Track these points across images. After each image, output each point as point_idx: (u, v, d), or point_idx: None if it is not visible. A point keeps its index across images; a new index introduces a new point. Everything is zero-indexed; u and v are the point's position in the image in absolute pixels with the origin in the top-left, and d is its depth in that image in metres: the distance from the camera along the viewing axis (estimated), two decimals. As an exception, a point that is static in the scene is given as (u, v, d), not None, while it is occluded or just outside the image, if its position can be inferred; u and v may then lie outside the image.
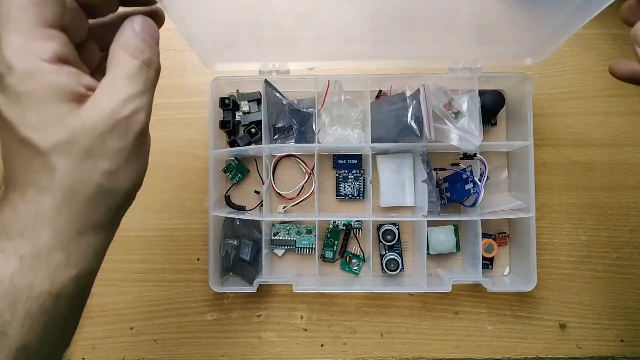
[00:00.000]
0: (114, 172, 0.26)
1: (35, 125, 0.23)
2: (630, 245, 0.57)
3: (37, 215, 0.24)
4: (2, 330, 0.22)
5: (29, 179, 0.24)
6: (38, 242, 0.24)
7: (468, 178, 0.52)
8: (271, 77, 0.54)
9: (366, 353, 0.57)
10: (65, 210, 0.24)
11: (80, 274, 0.26)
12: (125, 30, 0.27)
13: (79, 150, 0.24)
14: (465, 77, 0.53)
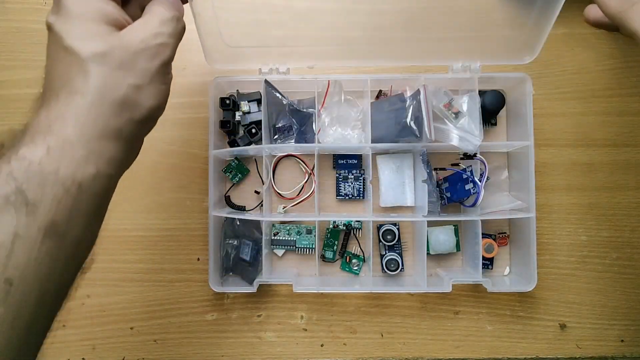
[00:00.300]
0: (139, 87, 0.31)
1: (79, 36, 0.29)
2: (631, 245, 0.57)
3: (66, 114, 0.28)
4: (33, 204, 0.25)
5: (65, 83, 0.29)
6: (64, 136, 0.27)
7: (468, 178, 0.52)
8: (271, 77, 0.54)
9: (366, 353, 0.57)
10: (92, 111, 0.28)
11: (99, 173, 0.29)
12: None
13: (112, 62, 0.29)
14: (465, 77, 0.53)
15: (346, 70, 0.58)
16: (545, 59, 0.58)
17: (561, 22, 0.58)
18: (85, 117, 0.28)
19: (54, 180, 0.26)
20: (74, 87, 0.29)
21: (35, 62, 0.59)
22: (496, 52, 0.51)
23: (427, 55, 0.52)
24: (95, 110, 0.29)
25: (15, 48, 0.59)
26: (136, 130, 0.32)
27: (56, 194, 0.26)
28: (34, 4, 0.59)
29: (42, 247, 0.25)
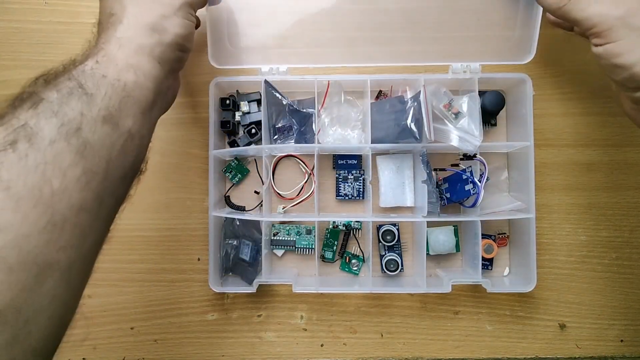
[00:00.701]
0: (165, 16, 0.40)
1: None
2: (630, 245, 0.57)
3: (110, 37, 0.37)
4: (91, 94, 0.32)
5: (109, 16, 0.39)
6: (109, 52, 0.36)
7: (468, 179, 0.52)
8: (271, 77, 0.54)
9: (366, 353, 0.57)
10: (128, 33, 0.38)
11: (138, 82, 0.36)
12: None
13: (142, 6, 0.39)
14: (465, 77, 0.53)
15: (346, 70, 0.58)
16: (545, 59, 0.58)
17: (561, 22, 0.58)
18: (124, 38, 0.37)
19: (104, 81, 0.34)
20: (116, 17, 0.38)
21: (35, 62, 0.59)
22: (496, 52, 0.51)
23: (427, 55, 0.52)
24: (131, 32, 0.38)
25: (15, 48, 0.59)
26: (166, 53, 0.39)
27: (107, 91, 0.33)
28: (34, 4, 0.59)
29: (102, 128, 0.32)
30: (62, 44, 0.59)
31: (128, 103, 0.35)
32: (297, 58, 0.53)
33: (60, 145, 0.29)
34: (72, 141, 0.30)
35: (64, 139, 0.30)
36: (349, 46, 0.53)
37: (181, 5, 0.41)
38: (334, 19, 0.52)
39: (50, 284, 0.28)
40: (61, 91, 0.32)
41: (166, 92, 0.42)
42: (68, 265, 0.30)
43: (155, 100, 0.39)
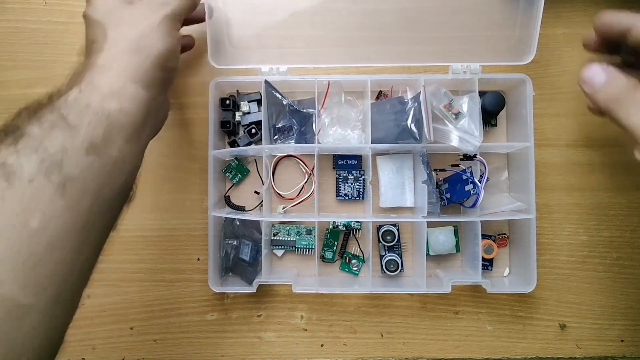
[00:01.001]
0: (144, 35, 0.39)
1: (98, 11, 0.40)
2: (631, 245, 0.57)
3: (92, 66, 0.37)
4: (74, 126, 0.32)
5: (91, 45, 0.39)
6: (91, 80, 0.35)
7: (468, 179, 0.52)
8: (271, 77, 0.54)
9: (366, 353, 0.57)
10: (108, 60, 0.37)
11: (123, 108, 0.35)
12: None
13: (121, 23, 0.39)
14: (465, 78, 0.53)
15: (346, 70, 0.58)
16: (546, 59, 0.58)
17: (561, 22, 0.59)
18: (105, 65, 0.37)
19: (87, 110, 0.33)
20: (97, 44, 0.38)
21: (35, 62, 0.59)
22: (496, 52, 0.51)
23: (427, 55, 0.52)
24: (112, 58, 0.37)
25: (15, 48, 0.59)
26: (149, 74, 0.38)
27: (91, 120, 0.33)
28: (34, 4, 0.59)
29: (86, 160, 0.32)
30: (62, 44, 0.59)
31: (113, 131, 0.34)
32: (297, 58, 0.53)
33: (40, 182, 0.29)
34: (53, 177, 0.30)
35: (44, 175, 0.29)
36: (349, 46, 0.53)
37: (161, 21, 0.40)
38: (334, 19, 0.52)
39: (28, 326, 0.28)
40: (43, 125, 0.31)
41: (155, 114, 0.42)
42: (49, 304, 0.29)
43: (143, 125, 0.38)
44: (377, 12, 0.51)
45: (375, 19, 0.52)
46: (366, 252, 0.57)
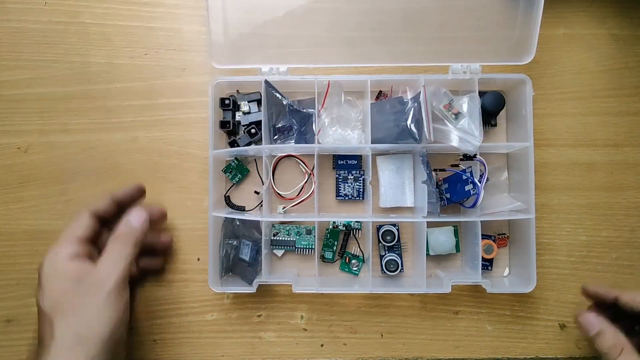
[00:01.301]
0: (89, 324, 0.41)
1: (47, 301, 0.42)
2: (630, 245, 0.57)
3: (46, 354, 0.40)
4: None
5: (43, 339, 0.41)
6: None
7: (468, 179, 0.52)
8: (271, 77, 0.54)
9: (366, 353, 0.57)
10: (59, 356, 0.40)
11: None
12: (121, 222, 0.48)
13: (67, 311, 0.42)
14: (465, 78, 0.53)
15: (346, 70, 0.58)
16: (546, 60, 0.58)
17: (561, 22, 0.59)
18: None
19: None
20: (45, 343, 0.41)
21: (35, 62, 0.59)
22: (496, 52, 0.51)
23: (427, 55, 0.52)
24: (60, 357, 0.40)
25: (15, 48, 0.59)
26: (100, 356, 0.41)
27: None
28: (34, 4, 0.59)
29: None
30: (62, 44, 0.59)
31: None
32: (297, 58, 0.53)
33: None
34: None
35: None
36: (349, 46, 0.53)
37: (105, 298, 0.42)
38: (334, 19, 0.52)
39: None
40: None
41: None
42: None
43: None
44: (377, 12, 0.51)
45: (375, 19, 0.52)
46: (366, 252, 0.57)
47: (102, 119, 0.59)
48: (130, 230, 0.46)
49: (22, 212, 0.58)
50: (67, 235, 0.46)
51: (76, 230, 0.46)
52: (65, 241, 0.45)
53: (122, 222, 0.47)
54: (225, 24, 0.51)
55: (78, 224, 0.47)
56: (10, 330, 0.57)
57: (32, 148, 0.59)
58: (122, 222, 0.47)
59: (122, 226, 0.47)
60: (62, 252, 0.44)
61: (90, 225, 0.47)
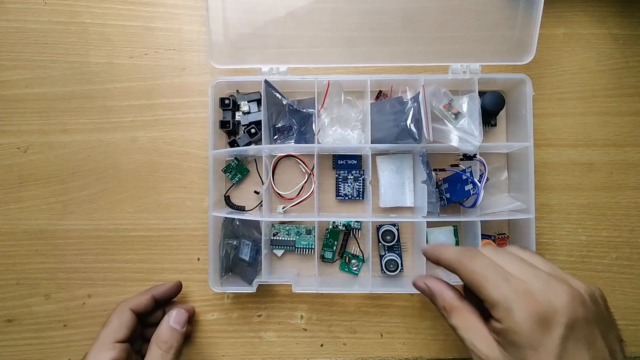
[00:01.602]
0: None
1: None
2: (630, 245, 0.57)
3: None
4: None
5: None
6: None
7: (468, 179, 0.52)
8: (271, 77, 0.54)
9: (366, 353, 0.57)
10: None
11: None
12: (163, 321, 0.50)
13: None
14: (465, 78, 0.53)
15: (346, 70, 0.58)
16: (546, 59, 0.58)
17: (561, 22, 0.59)
18: None
19: None
20: None
21: (34, 62, 0.59)
22: (496, 52, 0.51)
23: (427, 55, 0.52)
24: None
25: (15, 48, 0.59)
26: None
27: None
28: (34, 4, 0.59)
29: None
30: (61, 43, 0.59)
31: None
32: (297, 58, 0.53)
33: None
34: None
35: None
36: (349, 46, 0.53)
37: None
38: (334, 19, 0.52)
39: None
40: None
41: None
42: None
43: None
44: (377, 12, 0.51)
45: (375, 19, 0.52)
46: (366, 252, 0.57)
47: (101, 119, 0.59)
48: (172, 335, 0.48)
49: (22, 212, 0.58)
50: (107, 337, 0.46)
51: (117, 332, 0.47)
52: (105, 345, 0.46)
53: (165, 326, 0.49)
54: (225, 24, 0.51)
55: (119, 324, 0.48)
56: (10, 330, 0.57)
57: (32, 148, 0.59)
58: (165, 326, 0.49)
59: (165, 330, 0.48)
60: (102, 355, 0.45)
61: (130, 324, 0.48)
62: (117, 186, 0.58)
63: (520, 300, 0.31)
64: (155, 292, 0.52)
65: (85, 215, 0.58)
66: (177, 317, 0.49)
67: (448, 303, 0.37)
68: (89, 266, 0.58)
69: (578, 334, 0.30)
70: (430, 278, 0.40)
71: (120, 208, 0.58)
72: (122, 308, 0.49)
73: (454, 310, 0.36)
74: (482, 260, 0.35)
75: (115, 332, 0.47)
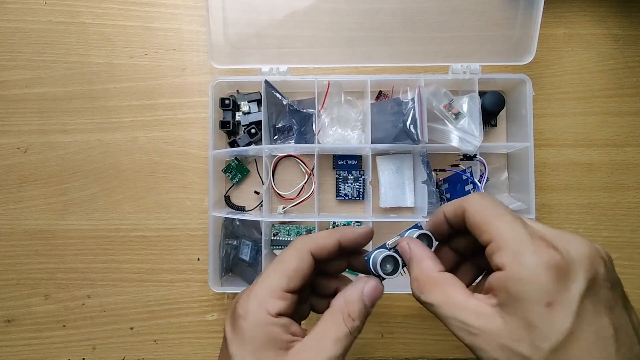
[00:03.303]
0: None
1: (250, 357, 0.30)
2: (631, 245, 0.57)
3: None
4: None
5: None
6: None
7: (468, 179, 0.52)
8: (271, 77, 0.54)
9: (366, 353, 0.57)
10: None
11: None
12: (354, 289, 0.33)
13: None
14: (465, 78, 0.53)
15: (346, 70, 0.58)
16: (546, 60, 0.58)
17: (561, 22, 0.59)
18: None
19: None
20: None
21: (34, 62, 0.59)
22: (496, 52, 0.51)
23: (427, 55, 0.52)
24: None
25: (15, 48, 0.59)
26: None
27: None
28: (34, 4, 0.59)
29: None
30: (61, 43, 0.59)
31: None
32: (297, 58, 0.53)
33: None
34: None
35: None
36: (349, 46, 0.53)
37: None
38: (334, 19, 0.52)
39: None
40: None
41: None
42: None
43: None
44: (377, 12, 0.51)
45: (375, 19, 0.52)
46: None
47: (101, 119, 0.59)
48: (362, 311, 0.32)
49: (22, 212, 0.58)
50: (280, 283, 0.32)
51: (292, 279, 0.33)
52: (276, 292, 0.32)
53: (358, 296, 0.33)
54: (225, 24, 0.51)
55: (296, 269, 0.33)
56: (10, 330, 0.57)
57: (32, 148, 0.59)
58: (359, 296, 0.33)
59: (358, 302, 0.32)
60: (269, 305, 0.31)
61: (308, 272, 0.33)
62: (117, 186, 0.58)
63: (534, 243, 0.25)
64: (343, 236, 0.36)
65: (85, 215, 0.58)
66: (372, 291, 0.33)
67: (424, 274, 0.30)
68: (88, 266, 0.58)
69: (599, 293, 0.25)
70: (416, 242, 0.32)
71: (120, 208, 0.58)
72: (303, 248, 0.34)
73: (431, 284, 0.29)
74: (495, 200, 0.29)
75: (290, 278, 0.33)
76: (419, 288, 0.29)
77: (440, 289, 0.29)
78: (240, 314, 0.31)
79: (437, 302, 0.28)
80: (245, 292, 0.33)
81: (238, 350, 0.31)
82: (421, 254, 0.31)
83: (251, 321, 0.31)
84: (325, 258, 0.35)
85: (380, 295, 0.34)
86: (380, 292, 0.33)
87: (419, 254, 0.31)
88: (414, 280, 0.30)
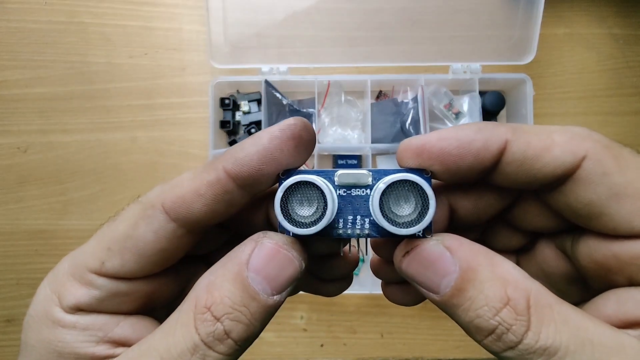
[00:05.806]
0: None
1: None
2: (630, 245, 0.57)
3: None
4: None
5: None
6: None
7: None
8: (271, 77, 0.54)
9: (366, 353, 0.57)
10: None
11: None
12: (230, 263, 0.18)
13: None
14: (465, 77, 0.53)
15: (346, 70, 0.58)
16: (546, 59, 0.58)
17: (561, 22, 0.59)
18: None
19: None
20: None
21: (34, 62, 0.59)
22: (496, 52, 0.51)
23: (427, 55, 0.52)
24: None
25: (15, 48, 0.59)
26: None
27: None
28: (34, 4, 0.59)
29: None
30: (61, 43, 0.59)
31: None
32: (297, 58, 0.53)
33: None
34: None
35: None
36: (349, 46, 0.53)
37: None
38: (334, 19, 0.52)
39: None
40: None
41: None
42: None
43: None
44: (377, 12, 0.51)
45: (375, 19, 0.52)
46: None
47: (101, 118, 0.59)
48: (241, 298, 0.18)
49: (21, 212, 0.58)
50: (80, 258, 0.21)
51: (117, 250, 0.20)
52: (74, 273, 0.20)
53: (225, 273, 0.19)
54: (225, 23, 0.51)
55: (137, 234, 0.20)
56: (10, 330, 0.57)
57: (32, 148, 0.59)
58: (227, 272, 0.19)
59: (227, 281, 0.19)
60: (65, 294, 0.20)
61: (166, 239, 0.20)
62: (117, 186, 0.58)
63: None
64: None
65: (85, 215, 0.58)
66: (269, 256, 0.19)
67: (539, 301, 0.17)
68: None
69: None
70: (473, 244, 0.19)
71: (120, 208, 0.58)
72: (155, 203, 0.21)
73: (547, 316, 0.17)
74: None
75: (113, 250, 0.21)
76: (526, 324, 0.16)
77: (566, 325, 0.16)
78: (29, 312, 0.20)
79: (565, 345, 0.16)
80: None
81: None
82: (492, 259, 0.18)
83: (32, 325, 0.19)
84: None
85: (297, 274, 0.19)
86: (295, 269, 0.19)
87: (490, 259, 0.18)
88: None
